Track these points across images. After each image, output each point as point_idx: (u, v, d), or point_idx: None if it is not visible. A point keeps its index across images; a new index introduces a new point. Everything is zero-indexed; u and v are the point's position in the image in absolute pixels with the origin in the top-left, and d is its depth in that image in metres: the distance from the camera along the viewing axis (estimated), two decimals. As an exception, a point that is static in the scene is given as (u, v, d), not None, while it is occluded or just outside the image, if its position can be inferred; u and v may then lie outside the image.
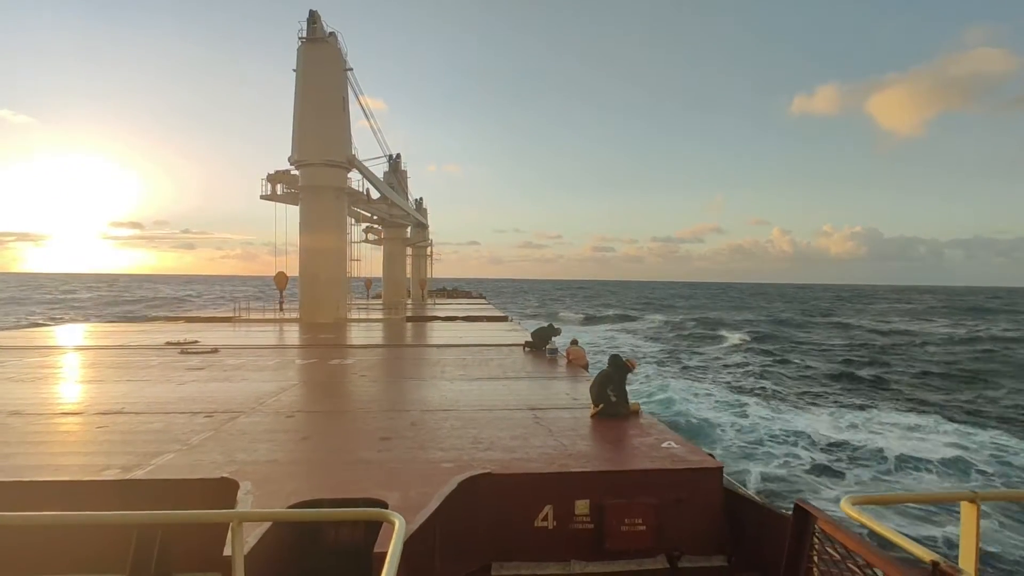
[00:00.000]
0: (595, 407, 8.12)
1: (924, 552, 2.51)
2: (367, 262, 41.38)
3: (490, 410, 8.57)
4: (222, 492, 5.22)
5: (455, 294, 70.14)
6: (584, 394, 8.86)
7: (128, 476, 5.61)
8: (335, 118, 26.19)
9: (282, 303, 31.37)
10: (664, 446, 6.64)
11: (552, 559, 5.43)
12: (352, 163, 27.14)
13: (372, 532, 4.15)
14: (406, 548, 2.46)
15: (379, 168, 36.52)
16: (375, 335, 21.71)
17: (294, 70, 26.14)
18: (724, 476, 5.98)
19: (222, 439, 6.95)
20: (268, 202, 28.36)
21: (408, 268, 53.25)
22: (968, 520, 2.84)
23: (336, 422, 8.26)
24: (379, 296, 48.85)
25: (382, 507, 4.40)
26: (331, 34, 26.48)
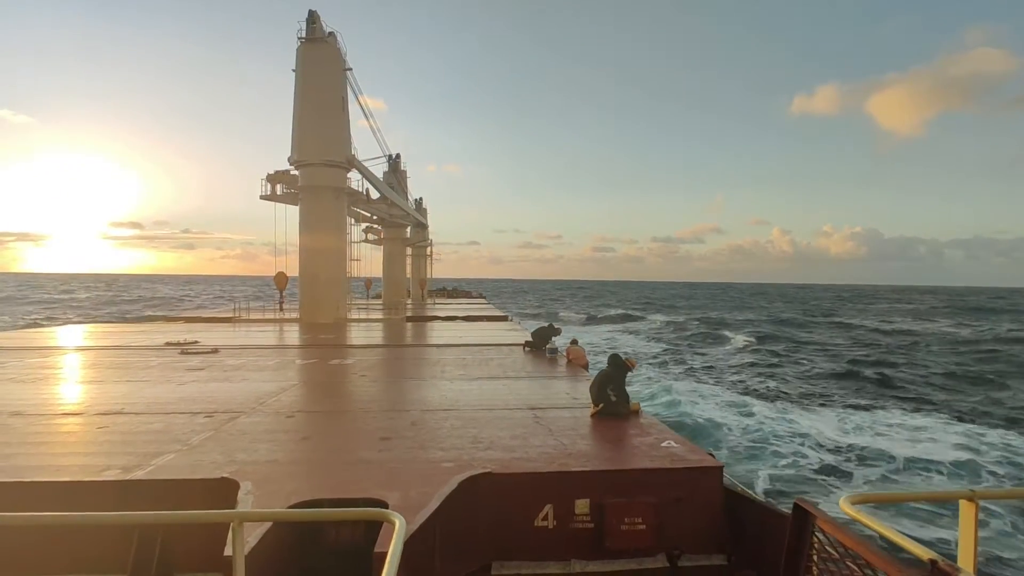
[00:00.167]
0: (595, 406, 8.13)
1: (923, 551, 2.52)
2: (367, 262, 41.45)
3: (490, 410, 8.57)
4: (222, 492, 5.23)
5: (455, 294, 70.13)
6: (584, 394, 8.86)
7: (128, 476, 5.62)
8: (334, 118, 26.20)
9: (282, 303, 31.37)
10: (664, 445, 6.65)
11: (552, 558, 5.44)
12: (352, 163, 27.15)
13: (372, 532, 4.16)
14: (406, 548, 2.47)
15: (379, 168, 36.59)
16: (375, 335, 21.72)
17: (293, 70, 26.16)
18: (724, 475, 5.99)
19: (222, 439, 6.96)
20: (268, 202, 28.38)
21: (408, 268, 53.27)
22: (967, 519, 2.85)
23: (336, 422, 8.26)
24: (379, 296, 48.87)
25: (382, 507, 4.40)
26: (330, 34, 26.50)
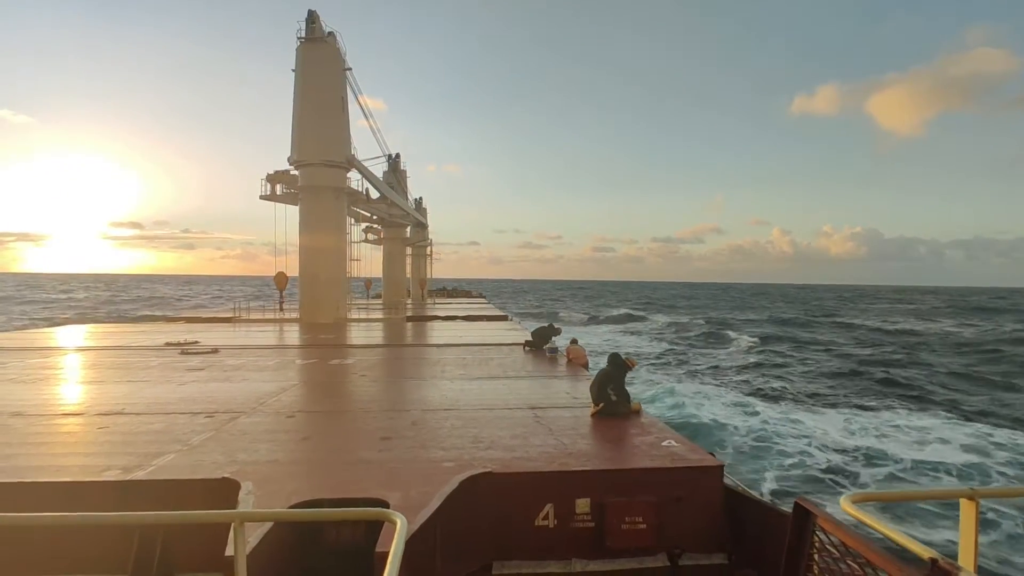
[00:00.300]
0: (595, 406, 8.13)
1: (923, 549, 2.52)
2: (367, 262, 41.45)
3: (490, 409, 8.57)
4: (223, 492, 5.23)
5: (455, 294, 70.14)
6: (584, 393, 8.87)
7: (129, 477, 5.62)
8: (334, 118, 26.18)
9: (282, 303, 31.38)
10: (664, 445, 6.65)
11: (553, 558, 5.44)
12: (351, 163, 27.14)
13: (373, 532, 4.16)
14: (407, 547, 2.47)
15: (378, 168, 36.57)
16: (375, 335, 21.72)
17: (293, 70, 26.15)
18: (724, 474, 5.99)
19: (223, 439, 6.96)
20: (268, 202, 28.37)
21: (408, 268, 53.28)
22: (967, 517, 2.85)
23: (337, 422, 8.26)
24: (379, 296, 48.88)
25: (383, 507, 4.40)
26: (330, 34, 26.48)
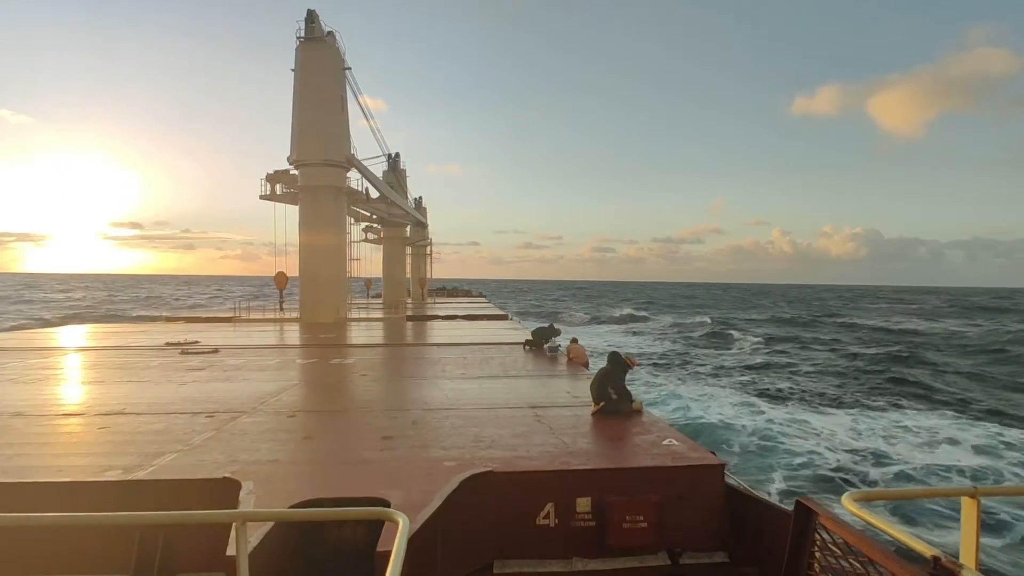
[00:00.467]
0: (596, 405, 8.14)
1: (924, 547, 2.51)
2: (367, 262, 41.47)
3: (491, 408, 8.58)
4: (224, 492, 5.22)
5: (455, 293, 70.17)
6: (585, 392, 8.87)
7: (130, 477, 5.62)
8: (334, 117, 26.18)
9: (282, 303, 31.38)
10: (665, 443, 6.66)
11: (554, 556, 5.44)
12: (351, 162, 27.14)
13: (375, 531, 4.16)
14: (409, 546, 2.47)
15: (378, 167, 36.57)
16: (375, 334, 21.73)
17: (293, 70, 26.16)
18: (725, 473, 5.99)
19: (224, 439, 6.96)
20: (268, 202, 28.38)
21: (408, 267, 53.29)
22: (968, 515, 2.85)
23: (338, 421, 8.27)
24: (379, 296, 48.89)
25: (384, 506, 4.41)
26: (329, 33, 26.49)
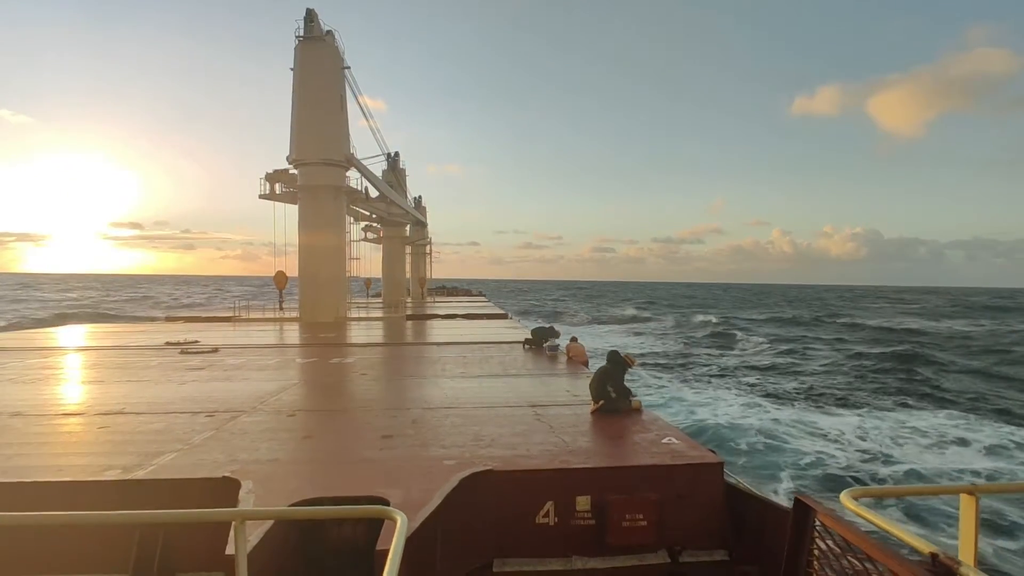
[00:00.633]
0: (595, 403, 8.14)
1: (923, 544, 2.51)
2: (366, 262, 41.45)
3: (491, 407, 8.58)
4: (224, 491, 5.23)
5: (455, 292, 70.18)
6: (584, 390, 8.87)
7: (130, 476, 5.62)
8: (333, 116, 26.15)
9: (282, 303, 31.38)
10: (665, 442, 6.66)
11: (554, 555, 5.45)
12: (350, 161, 27.12)
13: (374, 530, 4.16)
14: (408, 545, 2.47)
15: (378, 166, 36.54)
16: (375, 334, 21.73)
17: (292, 69, 26.13)
18: (725, 471, 6.00)
19: (223, 438, 6.96)
20: (268, 202, 28.37)
21: (407, 266, 53.28)
22: (967, 512, 2.85)
23: (337, 421, 8.27)
24: (379, 295, 48.88)
25: (384, 505, 4.41)
26: (328, 32, 26.46)
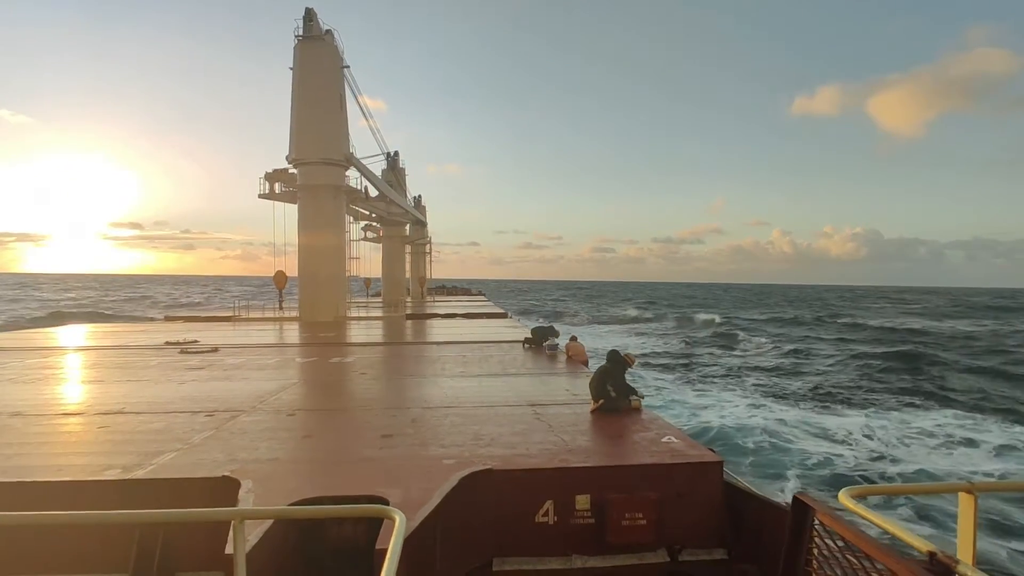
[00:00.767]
0: (595, 402, 8.15)
1: (922, 542, 2.52)
2: (366, 261, 41.43)
3: (490, 406, 8.59)
4: (223, 491, 5.23)
5: (454, 292, 70.24)
6: (584, 390, 8.87)
7: (129, 476, 5.63)
8: (332, 116, 26.14)
9: (282, 302, 31.38)
10: (664, 441, 6.67)
11: (553, 554, 5.46)
12: (350, 161, 27.11)
13: (374, 529, 4.16)
14: (408, 544, 2.47)
15: (377, 166, 36.55)
16: (375, 333, 21.73)
17: (291, 68, 26.12)
18: (724, 470, 6.01)
19: (223, 438, 6.96)
20: (268, 202, 28.38)
21: (407, 266, 53.28)
22: (966, 511, 2.86)
23: (337, 420, 8.27)
24: (379, 294, 48.89)
25: (383, 504, 4.42)
26: (327, 32, 26.43)
